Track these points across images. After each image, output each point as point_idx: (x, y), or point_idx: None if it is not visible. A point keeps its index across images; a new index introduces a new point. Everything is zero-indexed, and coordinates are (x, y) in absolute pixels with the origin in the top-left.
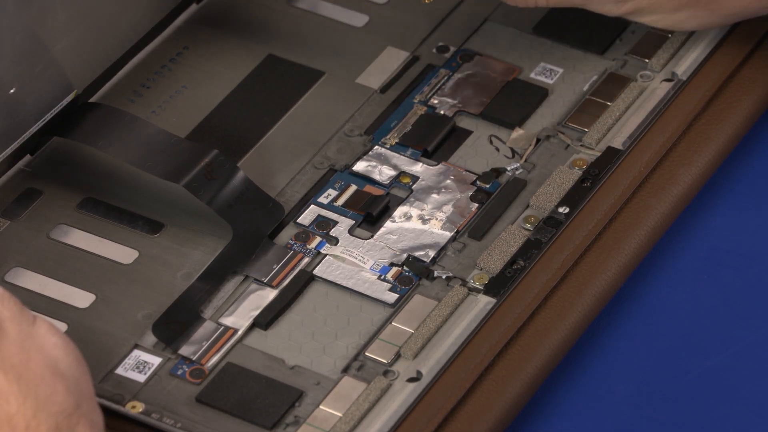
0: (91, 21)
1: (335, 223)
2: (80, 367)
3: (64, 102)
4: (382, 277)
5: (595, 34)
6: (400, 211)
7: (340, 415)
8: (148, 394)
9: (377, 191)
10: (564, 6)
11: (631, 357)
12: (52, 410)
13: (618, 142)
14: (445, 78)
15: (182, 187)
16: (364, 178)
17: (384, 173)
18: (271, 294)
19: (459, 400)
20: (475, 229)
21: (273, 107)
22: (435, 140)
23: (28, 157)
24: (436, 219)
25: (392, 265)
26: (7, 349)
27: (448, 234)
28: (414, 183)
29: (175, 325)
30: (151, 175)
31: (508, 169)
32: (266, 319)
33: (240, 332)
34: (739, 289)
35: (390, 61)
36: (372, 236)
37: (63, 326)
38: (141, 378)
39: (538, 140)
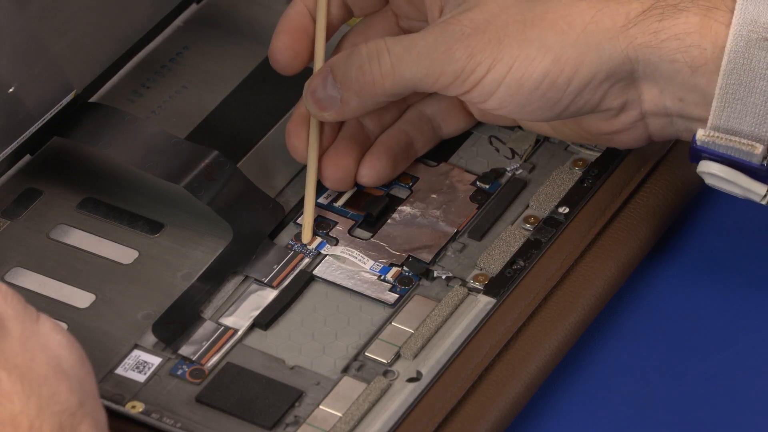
0: (91, 20)
1: (335, 223)
2: (84, 366)
3: (64, 102)
4: (382, 278)
5: None
6: (400, 211)
7: (340, 415)
8: (148, 394)
9: (377, 191)
10: (405, 92)
11: (631, 357)
12: (56, 409)
13: None
14: None
15: (182, 188)
16: None
17: None
18: (271, 294)
19: (459, 400)
20: (475, 230)
21: (273, 107)
22: None
23: (28, 157)
24: (436, 219)
25: (392, 265)
26: (11, 348)
27: (448, 234)
28: (414, 183)
29: (175, 325)
30: (150, 175)
31: (508, 169)
32: (266, 319)
33: (240, 332)
34: (739, 288)
35: None
36: (372, 236)
37: (63, 326)
38: (141, 378)
39: (537, 140)
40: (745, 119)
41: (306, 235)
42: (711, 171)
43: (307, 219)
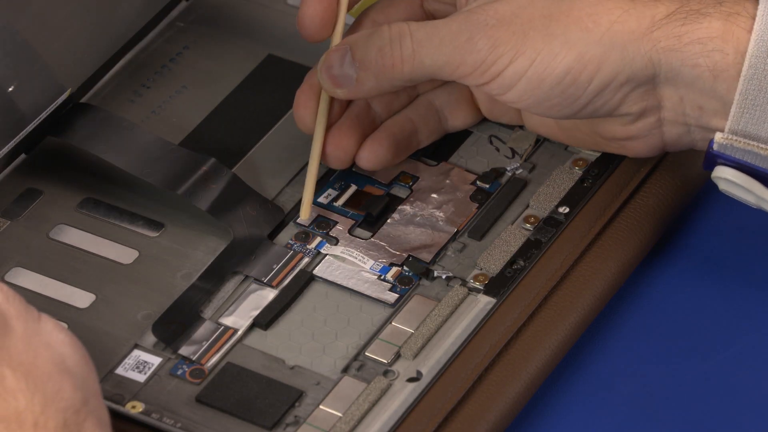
0: (84, 18)
1: (335, 223)
2: (87, 365)
3: (59, 101)
4: (382, 277)
5: None
6: (400, 211)
7: (340, 415)
8: (148, 394)
9: (377, 191)
10: (422, 78)
11: (631, 357)
12: (60, 406)
13: None
14: None
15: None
16: (365, 178)
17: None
18: (271, 294)
19: (459, 400)
20: (475, 229)
21: (273, 107)
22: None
23: (29, 158)
24: (436, 219)
25: (392, 265)
26: (15, 347)
27: (448, 234)
28: (414, 183)
29: (175, 325)
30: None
31: (508, 169)
32: (266, 319)
33: (240, 332)
34: (739, 288)
35: None
36: (372, 236)
37: (63, 326)
38: (141, 378)
39: (538, 140)
40: (763, 126)
41: (305, 212)
42: (726, 176)
43: (306, 196)
